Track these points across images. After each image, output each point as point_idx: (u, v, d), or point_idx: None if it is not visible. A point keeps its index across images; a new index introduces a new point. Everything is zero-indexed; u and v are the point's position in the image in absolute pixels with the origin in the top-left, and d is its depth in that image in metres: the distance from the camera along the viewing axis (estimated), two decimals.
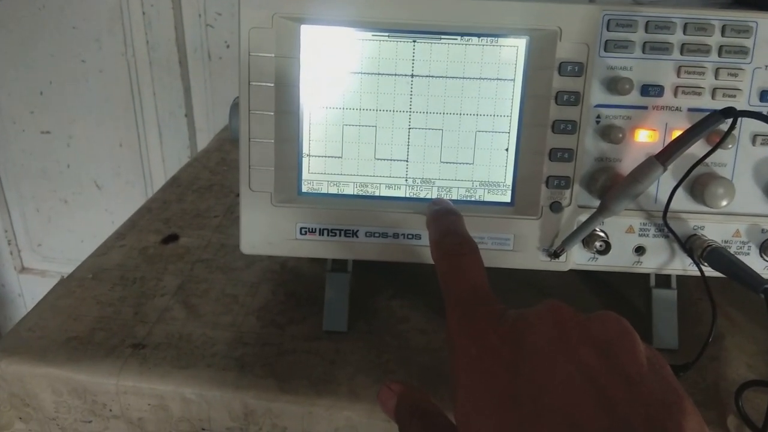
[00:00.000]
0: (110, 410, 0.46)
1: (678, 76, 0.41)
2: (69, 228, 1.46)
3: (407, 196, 0.45)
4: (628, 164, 0.42)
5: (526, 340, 0.23)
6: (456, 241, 0.30)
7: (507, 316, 0.25)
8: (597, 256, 0.44)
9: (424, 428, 0.27)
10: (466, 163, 0.44)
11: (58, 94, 1.33)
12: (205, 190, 0.71)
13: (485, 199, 0.45)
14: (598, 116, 0.42)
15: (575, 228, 0.43)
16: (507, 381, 0.23)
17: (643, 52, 0.41)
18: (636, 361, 0.22)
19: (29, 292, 1.56)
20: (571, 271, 0.46)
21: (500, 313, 0.25)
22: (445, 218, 0.32)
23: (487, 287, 0.27)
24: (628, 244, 0.44)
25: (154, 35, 1.24)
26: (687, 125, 0.41)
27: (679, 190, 0.43)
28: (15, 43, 1.31)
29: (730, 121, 0.39)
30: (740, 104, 0.41)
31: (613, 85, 0.41)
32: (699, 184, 0.42)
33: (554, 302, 0.25)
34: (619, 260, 0.45)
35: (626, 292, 0.54)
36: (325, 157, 0.45)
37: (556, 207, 0.43)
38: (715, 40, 0.41)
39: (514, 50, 0.42)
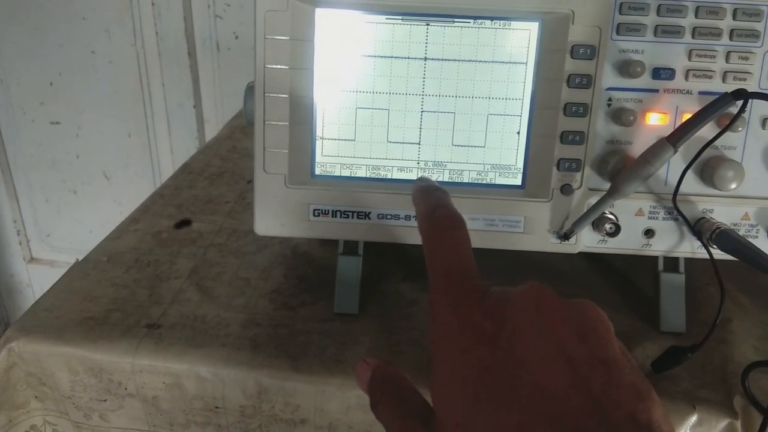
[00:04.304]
0: (125, 389, 0.47)
1: (689, 59, 0.42)
2: (78, 218, 1.48)
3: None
4: (638, 147, 0.43)
5: (507, 316, 0.24)
6: (447, 215, 0.30)
7: (491, 292, 0.26)
8: (607, 238, 0.45)
9: (395, 401, 0.27)
10: (478, 146, 0.45)
11: (68, 84, 1.34)
12: (216, 177, 0.72)
13: (496, 182, 0.46)
14: (610, 99, 0.43)
15: (585, 210, 0.44)
16: (486, 354, 0.23)
17: (655, 36, 0.41)
18: (611, 347, 0.23)
19: (38, 282, 1.57)
20: (579, 254, 0.46)
21: (485, 288, 0.26)
22: (435, 193, 0.32)
23: (473, 262, 0.28)
24: (638, 227, 0.45)
25: (164, 26, 1.24)
26: (698, 108, 0.41)
27: (689, 173, 0.43)
28: (25, 34, 1.32)
29: (740, 103, 0.39)
30: (751, 87, 0.42)
31: (625, 68, 0.42)
32: (709, 167, 0.43)
33: (537, 284, 0.25)
34: (628, 243, 0.45)
35: (634, 277, 0.55)
36: (338, 140, 0.45)
37: (566, 189, 0.44)
38: (726, 23, 0.41)
39: (526, 33, 0.42)
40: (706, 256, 0.44)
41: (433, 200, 0.31)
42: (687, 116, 0.41)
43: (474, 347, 0.24)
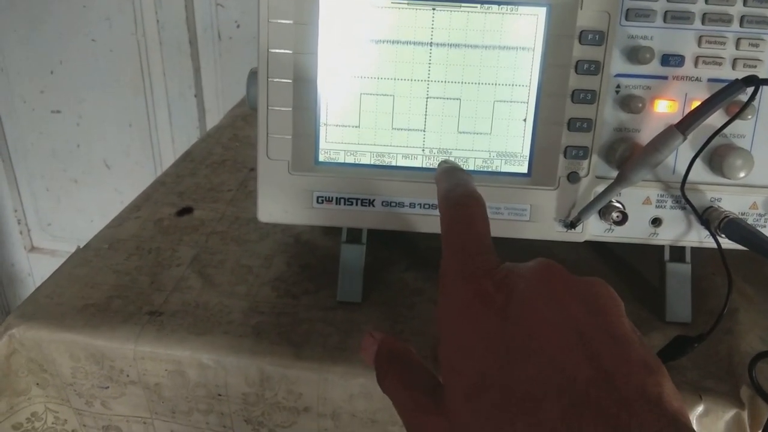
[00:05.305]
0: (127, 376, 0.46)
1: (699, 45, 0.41)
2: (78, 207, 1.47)
3: (424, 166, 0.45)
4: (647, 134, 0.42)
5: (518, 289, 0.24)
6: (465, 193, 0.30)
7: (503, 266, 0.26)
8: (613, 227, 0.44)
9: (402, 373, 0.27)
10: (484, 134, 0.44)
11: (69, 73, 1.33)
12: (218, 165, 0.72)
13: (502, 170, 0.45)
14: (618, 86, 0.42)
15: (592, 198, 0.43)
16: (496, 325, 0.23)
17: (665, 22, 0.41)
18: (621, 323, 0.23)
19: (39, 272, 1.57)
20: (585, 242, 0.46)
21: (497, 262, 0.26)
22: (456, 173, 0.33)
23: (489, 239, 0.28)
24: (645, 216, 0.45)
25: (165, 14, 1.24)
26: (707, 96, 0.40)
27: (698, 162, 0.42)
28: (25, 22, 1.31)
29: (750, 90, 0.39)
30: (761, 75, 0.41)
31: (634, 54, 0.41)
32: (717, 155, 0.42)
33: (548, 260, 0.25)
34: (635, 231, 0.45)
35: (640, 267, 0.54)
36: (343, 126, 0.45)
37: (573, 177, 0.43)
38: (737, 9, 0.41)
39: (534, 18, 0.42)
40: (714, 245, 0.43)
41: (453, 180, 0.31)
42: (696, 104, 0.41)
43: (484, 318, 0.24)
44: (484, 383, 0.22)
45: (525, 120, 0.44)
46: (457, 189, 0.30)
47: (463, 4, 0.42)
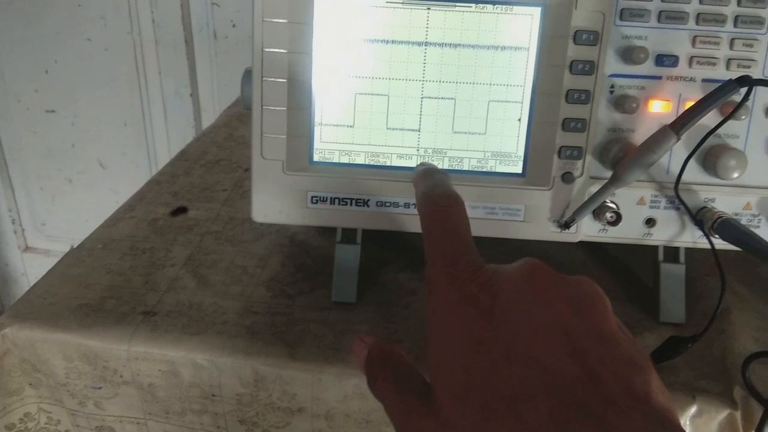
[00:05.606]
0: (121, 376, 0.46)
1: (693, 46, 0.41)
2: (73, 207, 1.47)
3: None
4: (641, 135, 0.42)
5: (503, 289, 0.24)
6: (443, 194, 0.30)
7: (487, 267, 0.26)
8: (607, 227, 0.44)
9: (392, 376, 0.27)
10: (478, 134, 0.44)
11: (63, 72, 1.33)
12: (213, 164, 0.71)
13: (496, 170, 0.45)
14: (612, 86, 0.42)
15: (586, 199, 0.43)
16: (482, 326, 0.23)
17: (659, 22, 0.41)
18: (608, 322, 0.23)
19: (33, 272, 1.56)
20: (579, 243, 0.46)
21: (481, 263, 0.26)
22: (434, 175, 0.33)
23: (470, 239, 0.28)
24: (639, 216, 0.45)
25: (160, 13, 1.23)
26: (701, 96, 0.41)
27: (691, 162, 0.43)
28: (20, 20, 1.30)
29: (744, 91, 0.39)
30: (755, 75, 0.41)
31: (628, 54, 0.41)
32: (711, 156, 0.42)
33: (534, 259, 0.25)
34: (629, 232, 0.45)
35: (634, 267, 0.54)
36: (337, 126, 0.45)
37: (567, 178, 0.43)
38: (731, 9, 0.41)
39: (528, 18, 0.42)
40: (707, 245, 0.43)
41: (431, 181, 0.31)
42: (690, 104, 0.41)
43: (470, 320, 0.24)
44: (471, 384, 0.22)
45: (519, 120, 0.44)
46: (435, 190, 0.30)
47: (457, 4, 0.42)
